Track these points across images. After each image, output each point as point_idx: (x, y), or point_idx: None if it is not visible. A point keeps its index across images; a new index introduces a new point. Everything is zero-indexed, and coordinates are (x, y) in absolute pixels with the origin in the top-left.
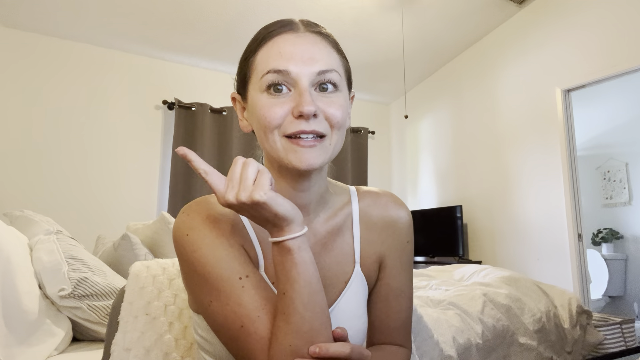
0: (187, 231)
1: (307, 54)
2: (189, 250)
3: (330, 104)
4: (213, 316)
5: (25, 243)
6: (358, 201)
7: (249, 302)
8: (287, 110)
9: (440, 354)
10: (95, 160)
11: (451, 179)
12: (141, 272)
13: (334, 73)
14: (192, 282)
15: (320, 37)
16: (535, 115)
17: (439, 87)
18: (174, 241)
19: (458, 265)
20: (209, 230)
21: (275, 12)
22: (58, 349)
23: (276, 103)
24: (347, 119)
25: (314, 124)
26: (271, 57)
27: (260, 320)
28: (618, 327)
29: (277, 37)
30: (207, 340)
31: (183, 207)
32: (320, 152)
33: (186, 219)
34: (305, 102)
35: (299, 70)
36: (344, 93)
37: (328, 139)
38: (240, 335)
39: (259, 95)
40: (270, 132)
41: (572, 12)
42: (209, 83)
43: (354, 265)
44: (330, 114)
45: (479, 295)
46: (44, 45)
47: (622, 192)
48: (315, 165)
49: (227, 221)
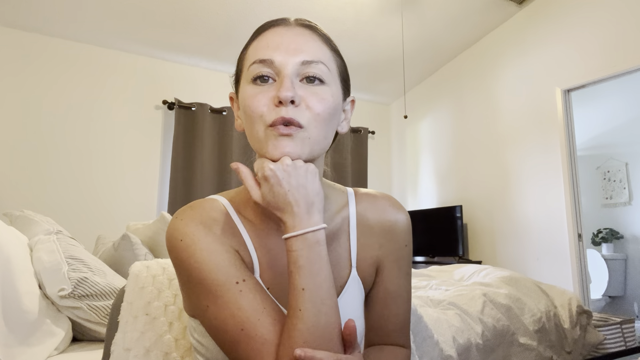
0: (182, 237)
1: (293, 44)
2: (184, 256)
3: (314, 94)
4: (210, 320)
5: (25, 243)
6: (356, 204)
7: (248, 306)
8: (269, 99)
9: (440, 354)
10: (95, 160)
11: (451, 179)
12: (141, 272)
13: (320, 65)
14: (188, 287)
15: (310, 30)
16: (535, 115)
17: (439, 87)
18: (167, 247)
19: (458, 265)
20: (203, 235)
21: (275, 12)
22: (58, 349)
23: (260, 91)
24: (333, 115)
25: (292, 112)
26: (259, 49)
27: (261, 323)
28: (618, 327)
29: (267, 31)
30: (202, 345)
31: (176, 212)
32: (297, 144)
33: (180, 224)
34: (284, 87)
35: (282, 59)
36: (332, 89)
37: (307, 131)
38: (241, 339)
39: (246, 86)
40: (256, 122)
41: (572, 12)
42: (209, 83)
43: (350, 269)
44: (311, 105)
45: (479, 295)
46: (44, 45)
47: (622, 192)
48: (291, 156)
49: (222, 226)
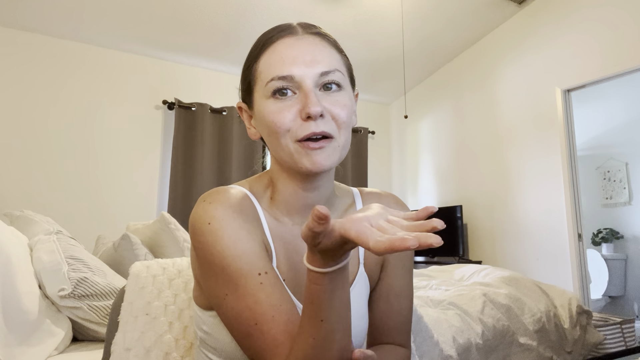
0: (209, 220)
1: (309, 56)
2: (210, 240)
3: (335, 103)
4: (227, 310)
5: (25, 243)
6: (362, 203)
7: (265, 301)
8: (295, 113)
9: (440, 354)
10: (96, 160)
11: (451, 179)
12: (141, 272)
13: (337, 73)
14: (208, 273)
15: (320, 37)
16: (535, 115)
17: (439, 87)
18: (192, 229)
19: (458, 265)
20: (232, 220)
21: (275, 12)
22: (58, 349)
23: (283, 107)
24: (352, 117)
25: (322, 124)
26: (273, 64)
27: (274, 321)
28: (618, 327)
29: (277, 42)
30: (212, 336)
31: (203, 195)
32: (330, 153)
33: (208, 207)
34: (311, 102)
35: (301, 73)
36: (348, 91)
37: (336, 140)
38: (253, 333)
39: (264, 102)
40: (282, 136)
41: (572, 12)
42: (209, 83)
43: (359, 265)
44: (336, 114)
45: (479, 295)
46: (44, 45)
47: (622, 192)
48: (326, 167)
49: (249, 213)
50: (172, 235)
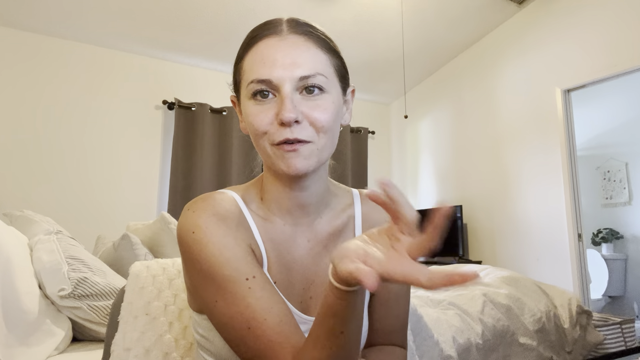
0: (193, 229)
1: (289, 58)
2: (195, 249)
3: (315, 107)
4: (218, 316)
5: (25, 243)
6: (361, 204)
7: (256, 304)
8: (272, 117)
9: (440, 354)
10: (96, 160)
11: (451, 179)
12: (141, 272)
13: (318, 77)
14: (197, 281)
15: (305, 37)
16: (535, 115)
17: (439, 87)
18: (178, 238)
19: (458, 265)
20: (215, 228)
21: (275, 12)
22: (58, 349)
23: (262, 110)
24: (337, 119)
25: (297, 131)
26: (255, 65)
27: (267, 323)
28: (618, 327)
29: (261, 42)
30: (207, 339)
31: (188, 204)
32: (307, 156)
33: (192, 216)
34: (285, 109)
35: (280, 76)
36: (333, 94)
37: (314, 144)
38: (248, 337)
39: (247, 102)
40: (261, 138)
41: (572, 12)
42: (209, 83)
43: None
44: (314, 118)
45: (479, 295)
46: (44, 45)
47: (622, 192)
48: (303, 170)
49: (234, 219)
50: (172, 235)
